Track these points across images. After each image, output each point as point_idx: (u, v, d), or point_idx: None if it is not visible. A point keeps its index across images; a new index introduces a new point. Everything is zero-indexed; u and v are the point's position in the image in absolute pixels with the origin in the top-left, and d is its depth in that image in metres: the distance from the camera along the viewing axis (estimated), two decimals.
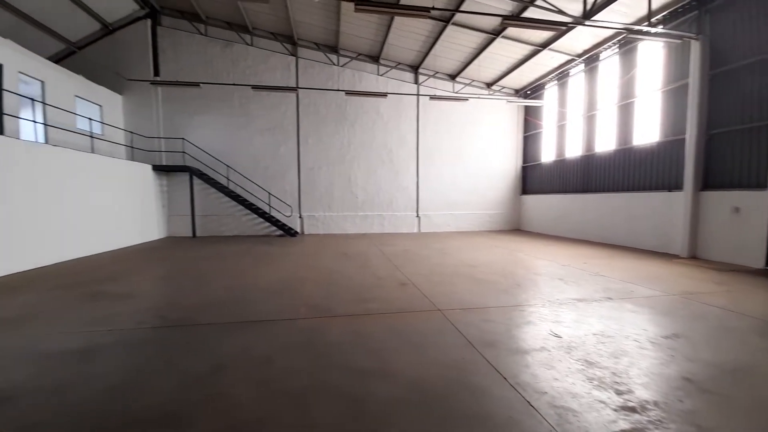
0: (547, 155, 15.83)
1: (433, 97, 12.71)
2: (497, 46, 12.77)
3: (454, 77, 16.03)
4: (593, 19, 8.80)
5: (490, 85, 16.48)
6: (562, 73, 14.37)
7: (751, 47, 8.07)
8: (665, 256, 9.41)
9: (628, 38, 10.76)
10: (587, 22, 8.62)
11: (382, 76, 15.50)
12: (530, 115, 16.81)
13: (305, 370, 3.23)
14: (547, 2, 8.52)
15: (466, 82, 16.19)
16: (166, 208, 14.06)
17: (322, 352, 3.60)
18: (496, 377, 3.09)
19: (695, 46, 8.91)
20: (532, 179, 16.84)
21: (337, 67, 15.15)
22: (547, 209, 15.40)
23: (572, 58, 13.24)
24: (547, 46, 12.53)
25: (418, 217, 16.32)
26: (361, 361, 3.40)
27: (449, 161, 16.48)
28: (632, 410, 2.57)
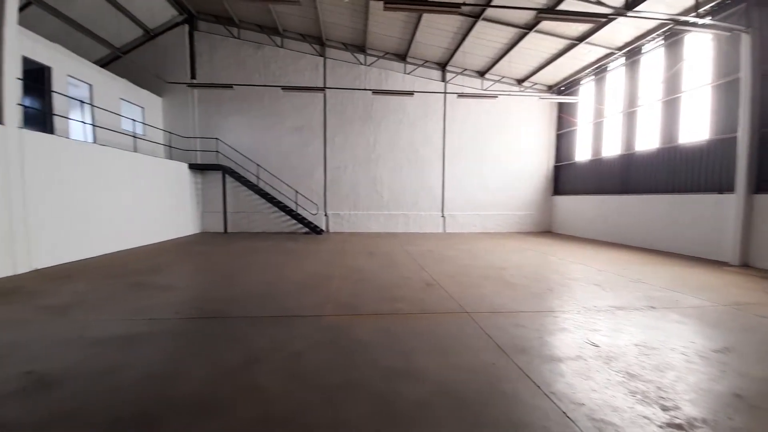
0: (582, 154, 15.11)
1: (461, 94, 12.46)
2: (530, 40, 12.32)
3: (483, 74, 15.65)
4: (636, 9, 8.29)
5: (521, 81, 15.95)
6: (599, 67, 13.65)
7: None
8: (713, 263, 8.71)
9: (673, 30, 10.03)
10: (629, 13, 8.13)
11: (408, 74, 15.40)
12: (564, 112, 16.10)
13: (334, 366, 3.26)
14: None
15: (495, 78, 15.76)
16: (200, 204, 14.72)
17: (350, 349, 3.62)
18: (528, 385, 2.97)
19: (745, 39, 8.19)
20: (565, 179, 16.13)
21: (364, 66, 15.22)
22: (581, 211, 14.71)
23: (611, 51, 12.53)
24: (583, 39, 11.93)
25: (443, 217, 16.10)
26: (388, 360, 3.38)
27: (476, 160, 16.12)
28: (679, 427, 2.38)
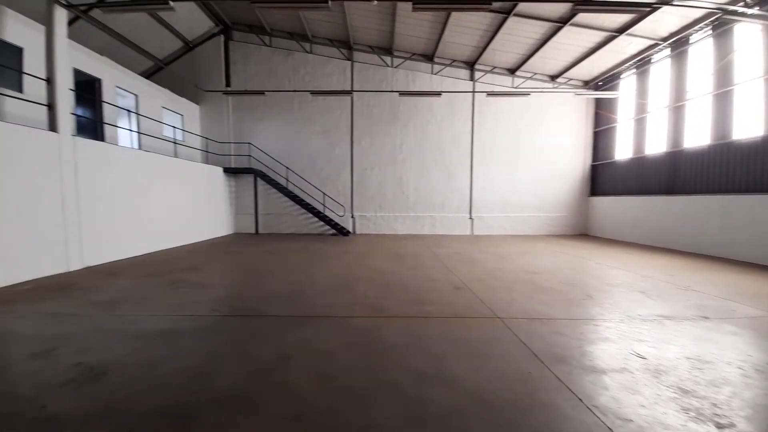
0: (622, 152, 14.25)
1: (490, 93, 12.14)
2: (564, 35, 11.80)
3: (513, 71, 15.18)
4: None
5: (554, 77, 15.30)
6: (642, 60, 12.83)
7: None
8: None
9: (722, 19, 9.23)
10: (675, 1, 7.54)
11: (436, 74, 15.24)
12: (602, 108, 15.28)
13: (364, 368, 3.24)
14: None
15: (527, 75, 15.23)
16: (233, 206, 15.33)
17: (379, 351, 3.58)
18: (569, 397, 2.78)
19: None
20: (603, 179, 15.27)
21: (390, 68, 15.24)
22: (621, 212, 13.85)
23: (655, 42, 11.73)
24: (624, 31, 11.25)
25: (471, 219, 15.74)
26: (419, 364, 3.31)
27: (506, 161, 15.63)
28: None
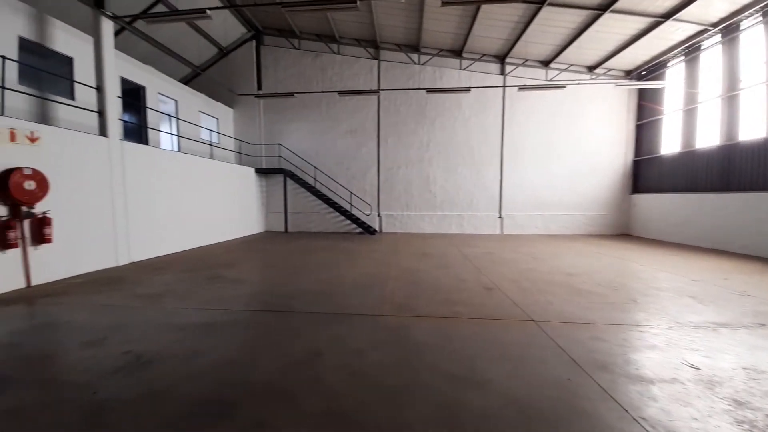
0: (669, 146, 13.24)
1: (522, 87, 11.67)
2: (604, 22, 11.13)
3: (547, 63, 14.53)
4: None
5: (592, 68, 14.49)
6: (690, 47, 11.85)
7: None
8: None
9: None
10: None
11: (464, 70, 14.91)
12: (645, 99, 14.28)
13: (395, 367, 3.22)
14: None
15: (562, 67, 14.53)
16: (264, 205, 15.86)
17: (410, 351, 3.55)
18: (612, 407, 2.62)
19: None
20: (647, 175, 14.27)
21: (417, 65, 15.10)
22: (667, 211, 12.89)
23: (704, 28, 10.80)
24: (670, 16, 10.45)
25: (500, 217, 15.28)
26: (450, 366, 3.24)
27: (539, 157, 15.01)
28: None
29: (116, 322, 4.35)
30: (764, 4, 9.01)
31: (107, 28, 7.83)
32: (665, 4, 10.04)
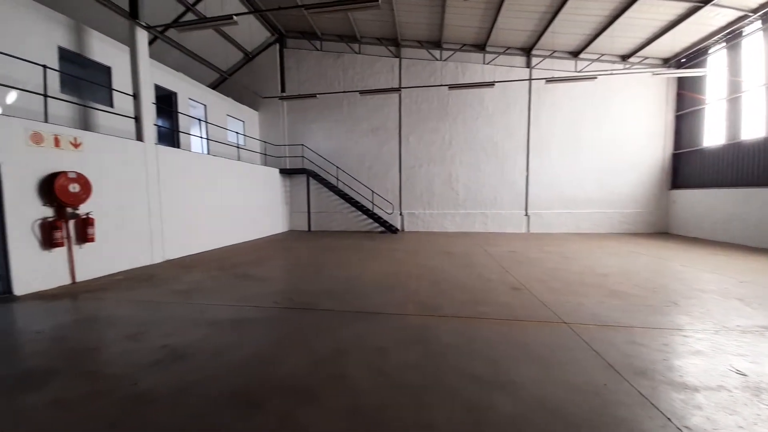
0: (711, 138, 12.36)
1: (549, 79, 11.22)
2: (638, 8, 10.51)
3: (576, 54, 13.92)
4: None
5: (626, 57, 13.72)
6: (732, 32, 10.98)
7: None
8: None
9: None
10: None
11: (488, 64, 14.55)
12: (685, 88, 13.38)
13: (420, 367, 3.19)
14: None
15: (592, 57, 13.87)
16: (288, 205, 16.20)
17: (434, 351, 3.50)
18: (654, 414, 2.48)
19: None
20: (687, 169, 13.36)
21: (439, 62, 14.89)
22: (710, 207, 12.03)
23: (744, 14, 10.04)
24: (709, 1, 9.73)
25: (526, 215, 14.81)
26: (477, 367, 3.17)
27: (568, 152, 14.41)
28: None
29: (153, 317, 4.58)
30: None
31: (142, 38, 8.24)
32: None
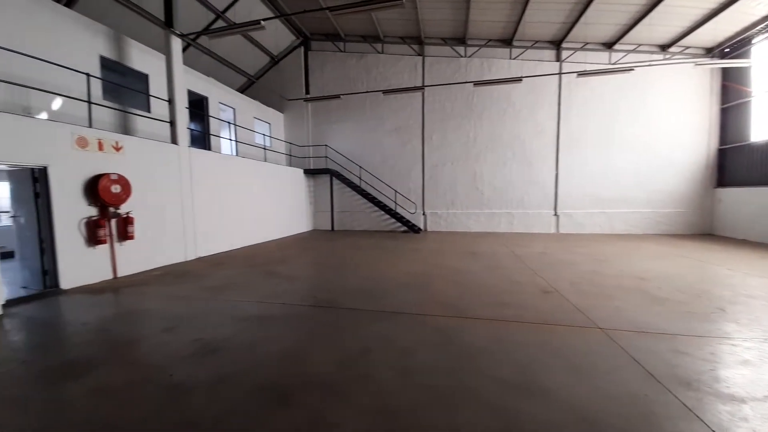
0: (760, 132, 11.39)
1: (581, 73, 10.72)
2: None
3: (611, 45, 13.23)
4: None
5: (665, 47, 12.90)
6: None
7: None
8: None
9: None
10: None
11: (515, 59, 14.14)
12: (730, 79, 12.41)
13: (444, 368, 3.14)
14: None
15: (628, 48, 13.14)
16: (312, 205, 16.49)
17: (461, 353, 3.42)
18: (699, 428, 2.33)
19: None
20: (734, 166, 12.38)
21: (464, 58, 14.63)
22: (760, 207, 11.07)
23: None
24: None
25: (556, 215, 14.26)
26: (503, 371, 3.07)
27: (601, 148, 13.73)
28: None
29: (187, 311, 4.78)
30: None
31: (176, 45, 8.64)
32: None
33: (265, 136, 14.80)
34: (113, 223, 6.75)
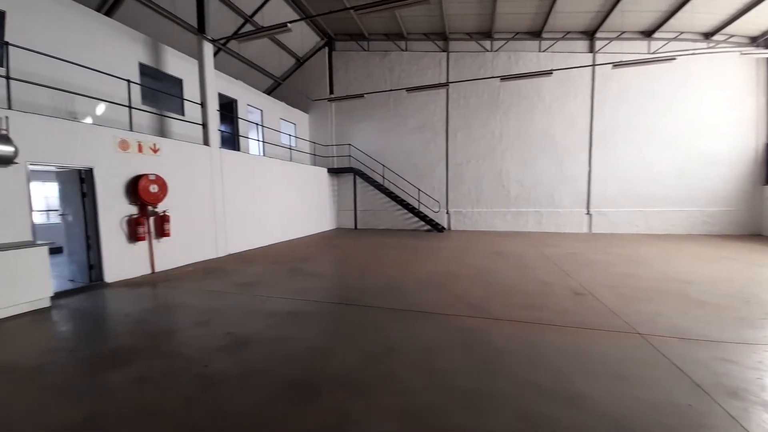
0: None
1: (617, 64, 10.15)
2: None
3: (650, 34, 12.45)
4: None
5: (709, 35, 12.00)
6: None
7: None
8: None
9: None
10: None
11: (543, 52, 13.62)
12: None
13: (470, 370, 3.07)
14: None
15: (669, 36, 12.32)
16: (335, 203, 16.70)
17: (488, 356, 3.34)
18: None
19: None
20: None
21: (490, 53, 14.27)
22: None
23: None
24: None
25: (588, 214, 13.64)
26: (534, 375, 2.97)
27: (637, 143, 12.98)
28: None
29: (219, 305, 4.98)
30: None
31: (208, 51, 9.00)
32: None
33: (290, 136, 15.13)
34: (151, 220, 7.14)
